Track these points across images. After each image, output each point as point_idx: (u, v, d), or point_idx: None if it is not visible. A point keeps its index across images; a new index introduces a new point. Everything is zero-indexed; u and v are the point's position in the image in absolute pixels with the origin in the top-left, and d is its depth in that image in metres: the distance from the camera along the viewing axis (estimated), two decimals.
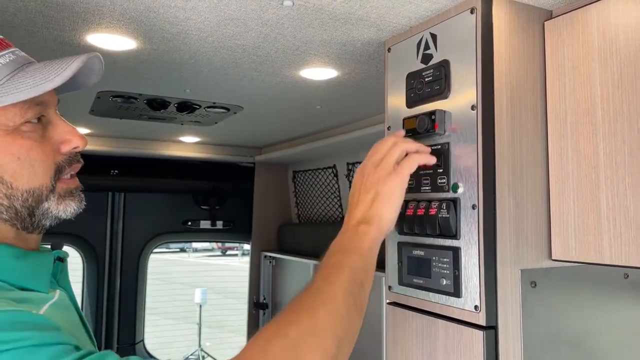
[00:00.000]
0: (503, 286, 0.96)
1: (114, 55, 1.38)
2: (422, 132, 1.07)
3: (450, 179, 1.02)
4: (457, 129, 1.02)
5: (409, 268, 1.12)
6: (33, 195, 0.78)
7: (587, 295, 1.05)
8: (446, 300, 1.02)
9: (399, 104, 1.18)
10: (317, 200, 3.07)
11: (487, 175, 0.96)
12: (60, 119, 0.83)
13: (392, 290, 1.18)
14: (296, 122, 2.33)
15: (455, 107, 1.03)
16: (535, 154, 1.01)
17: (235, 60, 1.42)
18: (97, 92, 1.81)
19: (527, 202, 1.00)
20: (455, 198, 1.01)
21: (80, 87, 0.89)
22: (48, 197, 0.80)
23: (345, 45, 1.29)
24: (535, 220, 1.00)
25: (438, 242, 1.05)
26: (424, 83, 1.10)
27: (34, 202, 0.79)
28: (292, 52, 1.33)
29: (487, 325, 0.94)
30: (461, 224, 0.99)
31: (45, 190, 0.79)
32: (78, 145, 0.84)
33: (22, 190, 0.78)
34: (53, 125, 0.81)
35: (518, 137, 0.99)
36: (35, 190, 0.78)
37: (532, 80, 1.02)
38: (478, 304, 0.95)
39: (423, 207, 1.06)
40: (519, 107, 1.00)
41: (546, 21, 1.04)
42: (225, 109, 2.04)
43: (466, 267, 0.98)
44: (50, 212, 0.81)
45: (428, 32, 1.10)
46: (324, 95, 1.78)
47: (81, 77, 0.85)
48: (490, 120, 0.97)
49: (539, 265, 1.00)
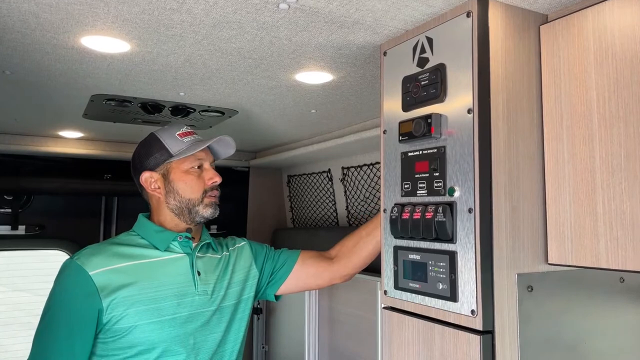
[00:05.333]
0: (500, 290, 0.95)
1: (107, 57, 1.37)
2: (418, 135, 1.07)
3: (446, 182, 1.02)
4: (454, 133, 1.01)
5: (405, 272, 1.12)
6: (190, 202, 1.55)
7: (583, 300, 1.05)
8: (442, 305, 1.02)
9: (394, 107, 1.17)
10: (312, 205, 3.06)
11: (484, 178, 0.96)
12: (210, 168, 1.59)
13: (388, 294, 1.17)
14: (291, 126, 2.32)
15: (451, 110, 1.03)
16: (531, 158, 1.01)
17: (231, 64, 1.41)
18: (90, 96, 1.80)
19: (523, 205, 0.99)
20: (452, 202, 1.00)
21: (222, 155, 1.69)
22: (199, 204, 1.56)
23: (340, 49, 1.28)
24: (531, 224, 1.00)
25: (434, 246, 1.04)
26: (419, 87, 1.09)
27: (191, 206, 1.56)
28: (288, 55, 1.33)
29: (484, 329, 0.93)
30: (457, 227, 0.99)
31: (197, 201, 1.56)
32: (216, 180, 1.58)
33: (187, 198, 1.55)
34: (206, 170, 1.58)
35: (514, 140, 0.99)
36: (191, 200, 1.55)
37: (528, 83, 1.02)
38: (475, 308, 0.94)
39: (419, 210, 1.06)
40: (515, 110, 1.00)
41: (542, 25, 1.04)
42: (220, 113, 2.03)
43: (462, 271, 0.97)
44: (199, 213, 1.56)
45: (424, 35, 1.10)
46: (319, 99, 1.78)
47: (222, 148, 1.66)
48: (486, 124, 0.97)
49: (535, 269, 1.00)
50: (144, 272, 1.48)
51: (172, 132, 1.59)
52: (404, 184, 1.13)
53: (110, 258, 1.47)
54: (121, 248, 1.51)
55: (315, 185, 2.96)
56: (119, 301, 1.40)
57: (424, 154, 1.08)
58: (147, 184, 1.57)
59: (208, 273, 1.58)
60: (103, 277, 1.41)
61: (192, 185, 1.55)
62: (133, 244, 1.54)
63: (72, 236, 3.12)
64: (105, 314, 1.40)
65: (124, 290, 1.42)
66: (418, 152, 1.09)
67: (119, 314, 1.40)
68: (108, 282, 1.42)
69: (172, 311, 1.47)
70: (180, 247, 1.56)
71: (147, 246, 1.54)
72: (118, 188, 3.04)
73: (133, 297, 1.42)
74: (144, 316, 1.43)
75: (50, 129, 2.47)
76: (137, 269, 1.48)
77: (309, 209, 3.11)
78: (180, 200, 1.55)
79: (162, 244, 1.54)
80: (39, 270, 4.20)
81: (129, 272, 1.46)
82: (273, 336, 3.06)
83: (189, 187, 1.55)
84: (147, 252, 1.53)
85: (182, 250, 1.56)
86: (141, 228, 1.60)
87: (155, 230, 1.56)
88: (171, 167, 1.55)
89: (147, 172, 1.57)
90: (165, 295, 1.47)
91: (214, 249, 1.65)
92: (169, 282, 1.49)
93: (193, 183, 1.55)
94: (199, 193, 1.55)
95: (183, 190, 1.55)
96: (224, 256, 1.67)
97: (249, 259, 1.73)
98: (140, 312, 1.42)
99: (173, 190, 1.55)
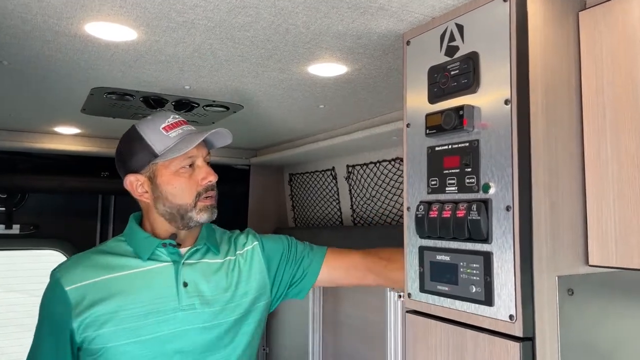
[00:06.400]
0: (539, 294, 0.89)
1: (112, 47, 1.29)
2: (448, 128, 1.00)
3: (480, 178, 0.96)
4: (488, 126, 0.95)
5: (432, 274, 1.05)
6: (182, 208, 1.36)
7: (623, 302, 0.99)
8: (476, 309, 0.95)
9: (419, 99, 1.11)
10: (315, 204, 2.99)
11: (523, 174, 0.89)
12: (204, 165, 1.39)
13: (412, 297, 1.10)
14: (296, 123, 2.25)
15: (485, 102, 0.96)
16: (570, 152, 0.95)
17: (242, 54, 1.34)
18: (90, 89, 1.72)
19: (563, 203, 0.93)
20: (487, 199, 0.94)
21: (218, 144, 1.49)
22: (191, 210, 1.36)
23: (360, 38, 1.21)
24: (570, 223, 0.94)
25: (466, 246, 0.98)
26: (449, 77, 1.03)
27: (183, 211, 1.36)
28: (303, 45, 1.26)
29: (524, 336, 0.87)
30: (493, 226, 0.92)
31: (189, 206, 1.36)
32: (211, 180, 1.37)
33: (177, 204, 1.36)
34: (198, 169, 1.37)
35: (553, 133, 0.93)
36: (182, 206, 1.36)
37: (567, 73, 0.96)
38: (513, 313, 0.88)
39: (449, 208, 0.99)
40: (554, 102, 0.94)
41: (580, 11, 0.98)
42: (225, 108, 1.96)
43: (499, 273, 0.91)
44: (193, 219, 1.36)
45: (453, 22, 1.04)
46: (329, 93, 1.71)
47: (217, 138, 1.45)
48: (525, 116, 0.90)
49: (575, 271, 0.94)
50: (121, 286, 1.31)
51: (156, 125, 1.37)
52: (430, 181, 1.07)
53: (89, 270, 1.33)
54: (103, 258, 1.36)
55: (319, 183, 2.89)
56: (93, 319, 1.27)
57: (453, 148, 1.01)
58: (132, 188, 1.39)
59: (200, 283, 1.37)
60: (78, 292, 1.29)
61: (183, 189, 1.34)
62: (117, 253, 1.37)
63: (68, 236, 3.03)
64: (78, 334, 1.29)
65: (99, 307, 1.28)
66: (447, 146, 1.03)
67: (92, 334, 1.28)
68: (82, 298, 1.28)
69: (151, 330, 1.30)
70: (168, 255, 1.37)
71: (130, 255, 1.37)
72: (115, 186, 2.91)
73: (107, 314, 1.28)
74: (120, 336, 1.28)
75: (46, 124, 2.39)
76: (115, 282, 1.32)
77: (311, 208, 3.04)
78: (171, 206, 1.35)
79: (144, 253, 1.36)
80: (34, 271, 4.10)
81: (106, 287, 1.31)
82: (274, 338, 2.99)
83: (179, 191, 1.34)
84: (129, 263, 1.35)
85: (170, 257, 1.37)
86: (129, 233, 1.42)
87: (143, 236, 1.38)
88: (157, 168, 1.35)
89: (131, 175, 1.38)
90: (144, 311, 1.30)
91: (215, 252, 1.44)
92: (148, 297, 1.31)
93: (184, 186, 1.34)
94: (191, 197, 1.35)
95: (172, 195, 1.34)
96: (228, 261, 1.45)
97: (259, 265, 1.49)
98: (116, 331, 1.28)
99: (161, 196, 1.35)
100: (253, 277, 1.46)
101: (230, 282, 1.41)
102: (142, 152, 1.36)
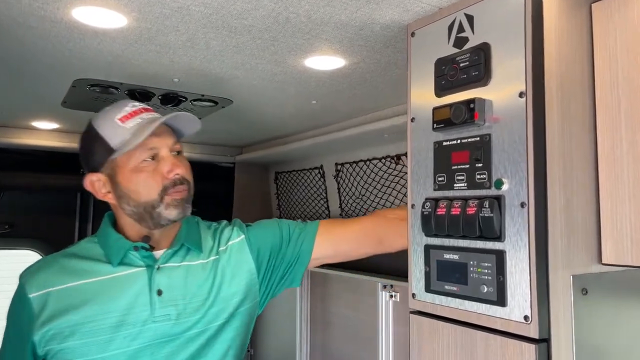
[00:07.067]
0: (555, 294, 0.86)
1: (99, 34, 1.22)
2: (458, 122, 0.96)
3: (492, 174, 0.92)
4: (500, 119, 0.92)
5: (439, 274, 1.01)
6: (148, 205, 1.21)
7: (637, 302, 0.97)
8: (487, 310, 0.92)
9: (425, 92, 1.07)
10: (302, 202, 2.95)
11: (539, 169, 0.86)
12: (169, 156, 1.23)
13: (417, 298, 1.06)
14: (287, 119, 2.20)
15: (496, 94, 0.93)
16: (584, 147, 0.92)
17: (237, 45, 1.28)
18: (73, 81, 1.64)
19: (577, 200, 0.90)
20: (500, 195, 0.90)
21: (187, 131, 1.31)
22: (158, 205, 1.21)
23: (362, 29, 1.17)
24: (584, 221, 0.91)
25: (477, 244, 0.94)
26: (458, 69, 0.99)
27: (150, 209, 1.21)
28: (303, 35, 1.21)
29: (539, 338, 0.84)
30: (506, 224, 0.89)
31: (155, 202, 1.21)
32: (178, 172, 1.22)
33: (142, 202, 1.21)
34: (163, 160, 1.22)
35: (568, 128, 0.90)
36: (148, 203, 1.21)
37: (581, 66, 0.93)
38: (528, 313, 0.85)
39: (458, 205, 0.96)
40: (569, 95, 0.91)
41: (593, 3, 0.95)
42: (214, 103, 1.89)
43: (512, 272, 0.88)
44: (162, 216, 1.22)
45: (462, 13, 1.00)
46: (323, 88, 1.66)
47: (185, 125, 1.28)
48: (540, 109, 0.87)
49: (589, 270, 0.91)
50: (89, 294, 1.18)
51: (111, 116, 1.23)
52: (437, 177, 1.03)
53: (55, 276, 1.21)
54: (72, 262, 1.23)
55: (306, 182, 2.85)
56: (57, 331, 1.16)
57: (463, 143, 0.98)
58: (94, 189, 1.25)
59: (178, 289, 1.23)
60: (42, 300, 1.18)
61: (146, 185, 1.20)
62: (87, 256, 1.24)
63: (45, 235, 2.92)
64: (40, 347, 1.18)
65: (64, 318, 1.16)
66: (455, 141, 0.99)
67: (56, 347, 1.17)
68: (46, 306, 1.17)
69: (121, 344, 1.17)
70: (141, 259, 1.24)
71: (101, 259, 1.24)
72: None
73: (73, 326, 1.16)
74: (87, 351, 1.16)
75: (24, 119, 2.29)
76: (82, 290, 1.19)
77: (298, 207, 2.99)
78: (136, 205, 1.21)
79: (115, 257, 1.22)
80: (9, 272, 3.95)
81: (72, 295, 1.18)
82: (260, 338, 2.93)
83: (141, 187, 1.20)
84: (98, 268, 1.22)
85: (143, 262, 1.24)
86: (101, 234, 1.29)
87: (114, 238, 1.25)
88: (116, 165, 1.21)
89: (91, 175, 1.24)
90: (113, 323, 1.18)
91: (196, 252, 1.30)
92: (118, 307, 1.19)
93: (146, 182, 1.20)
94: (155, 193, 1.20)
95: (135, 192, 1.21)
96: (211, 262, 1.30)
97: (247, 262, 1.34)
98: (82, 345, 1.16)
99: (124, 194, 1.22)
100: (239, 277, 1.32)
101: (212, 285, 1.28)
102: (99, 148, 1.22)
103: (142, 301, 1.20)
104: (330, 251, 1.42)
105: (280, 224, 1.43)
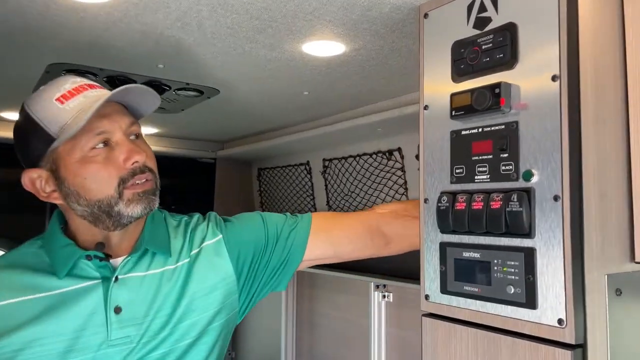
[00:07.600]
0: (590, 295, 0.79)
1: (80, 10, 1.11)
2: (480, 109, 0.89)
3: (519, 165, 0.85)
4: (528, 105, 0.84)
5: (456, 273, 0.94)
6: (103, 204, 0.99)
7: None
8: (513, 312, 0.84)
9: (440, 78, 0.99)
10: (286, 200, 2.85)
11: (574, 160, 0.79)
12: (125, 141, 1.01)
13: (431, 300, 0.98)
14: (274, 112, 2.10)
15: (524, 79, 0.85)
16: (617, 137, 0.85)
17: (231, 26, 1.18)
18: (47, 65, 1.51)
19: (611, 194, 0.84)
20: (529, 188, 0.83)
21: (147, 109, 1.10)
22: (117, 202, 0.99)
23: (369, 10, 1.09)
24: (617, 216, 0.85)
25: (501, 241, 0.86)
26: (479, 52, 0.91)
27: (106, 207, 0.99)
28: (304, 16, 1.12)
29: (575, 343, 0.77)
30: (537, 219, 0.82)
31: (112, 199, 0.99)
32: (137, 160, 1.00)
33: (95, 200, 0.99)
34: (118, 146, 1.00)
35: (602, 116, 0.83)
36: (103, 200, 0.99)
37: (613, 51, 0.86)
38: (563, 317, 0.78)
39: (480, 199, 0.88)
40: (602, 81, 0.84)
41: None
42: (199, 92, 1.78)
43: (544, 272, 0.80)
44: (122, 214, 1.00)
45: None
46: (318, 77, 1.57)
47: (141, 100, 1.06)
48: (576, 94, 0.80)
49: (623, 268, 0.84)
50: (32, 314, 0.97)
51: (48, 96, 1.00)
52: (455, 169, 0.95)
53: None
54: (10, 273, 1.00)
55: (291, 179, 2.75)
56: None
57: (485, 131, 0.90)
58: (34, 188, 1.03)
59: (141, 304, 1.02)
60: None
61: (97, 179, 0.98)
62: (28, 266, 1.02)
63: (12, 234, 2.75)
64: None
65: (1, 342, 0.95)
66: (477, 129, 0.92)
67: None
68: None
69: None
70: (96, 269, 1.02)
71: (47, 270, 1.01)
72: None
73: (12, 352, 0.95)
74: None
75: None
76: (23, 309, 0.97)
77: (282, 204, 2.89)
78: (88, 204, 0.99)
79: (62, 268, 1.00)
80: None
81: (11, 314, 0.96)
82: (242, 341, 2.82)
83: (92, 182, 0.98)
84: (42, 281, 0.99)
85: (99, 273, 1.02)
86: (48, 238, 1.06)
87: (61, 244, 1.02)
88: (58, 156, 0.99)
89: (30, 171, 1.02)
90: (61, 349, 0.97)
91: (164, 255, 1.08)
92: (67, 329, 0.97)
93: (97, 175, 0.98)
94: (111, 188, 0.98)
95: (85, 189, 0.98)
96: (180, 267, 1.09)
97: (224, 266, 1.13)
98: None
99: (72, 192, 0.99)
100: (214, 285, 1.11)
101: (181, 296, 1.07)
102: (36, 137, 0.99)
103: (96, 322, 0.99)
104: (329, 252, 1.25)
105: (265, 220, 1.23)
